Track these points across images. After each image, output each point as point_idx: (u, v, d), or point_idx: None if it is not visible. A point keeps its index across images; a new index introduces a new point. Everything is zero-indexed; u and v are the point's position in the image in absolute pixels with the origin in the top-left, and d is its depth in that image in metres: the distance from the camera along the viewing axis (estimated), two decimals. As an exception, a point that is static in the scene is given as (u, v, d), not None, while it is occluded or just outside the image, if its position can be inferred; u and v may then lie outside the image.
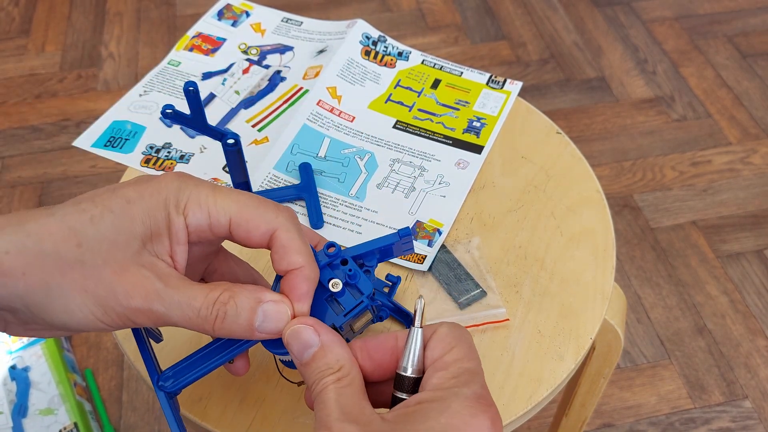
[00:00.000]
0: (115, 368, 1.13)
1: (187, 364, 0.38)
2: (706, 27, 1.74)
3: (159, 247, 0.35)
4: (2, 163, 1.43)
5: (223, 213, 0.36)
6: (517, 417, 0.48)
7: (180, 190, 0.36)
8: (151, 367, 0.38)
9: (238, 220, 0.36)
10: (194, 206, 0.36)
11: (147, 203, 0.35)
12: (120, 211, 0.34)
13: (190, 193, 0.36)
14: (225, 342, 0.38)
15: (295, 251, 0.36)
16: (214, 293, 0.35)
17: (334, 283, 0.38)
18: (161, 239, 0.35)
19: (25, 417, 0.98)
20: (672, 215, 1.35)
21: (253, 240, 0.37)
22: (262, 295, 0.36)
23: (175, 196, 0.36)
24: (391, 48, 0.71)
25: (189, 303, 0.35)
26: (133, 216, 0.35)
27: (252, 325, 0.35)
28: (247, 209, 0.36)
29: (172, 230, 0.35)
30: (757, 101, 1.56)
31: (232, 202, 0.36)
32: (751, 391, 1.12)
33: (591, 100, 1.56)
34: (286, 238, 0.36)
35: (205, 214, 0.36)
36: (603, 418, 1.09)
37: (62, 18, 1.77)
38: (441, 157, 0.63)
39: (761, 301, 1.22)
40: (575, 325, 0.52)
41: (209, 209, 0.36)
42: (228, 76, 0.69)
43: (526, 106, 0.68)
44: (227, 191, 0.37)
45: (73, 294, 0.33)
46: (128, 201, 0.35)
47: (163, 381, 0.38)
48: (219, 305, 0.35)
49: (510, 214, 0.59)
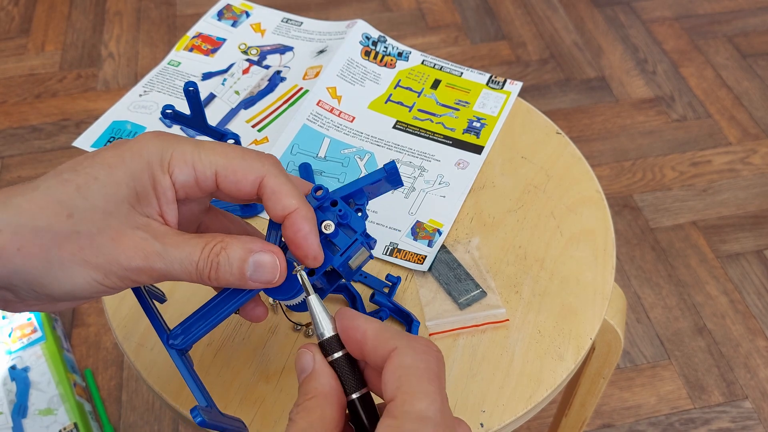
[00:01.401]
0: (115, 368, 1.13)
1: (195, 320, 0.38)
2: (706, 27, 1.74)
3: (148, 209, 0.35)
4: (2, 162, 1.43)
5: (209, 166, 0.36)
6: (517, 417, 0.48)
7: (162, 148, 0.35)
8: (159, 327, 0.38)
9: (225, 171, 0.36)
10: (179, 163, 0.35)
11: (130, 166, 0.35)
12: (104, 177, 0.34)
13: (173, 151, 0.35)
14: (228, 294, 0.38)
15: (287, 194, 0.36)
16: (209, 245, 0.35)
17: (326, 225, 0.38)
18: (149, 200, 0.35)
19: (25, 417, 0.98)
20: (672, 215, 1.35)
21: (243, 190, 0.36)
22: (252, 245, 0.36)
23: (158, 155, 0.35)
24: (391, 48, 0.71)
25: (188, 258, 0.35)
26: (118, 180, 0.34)
27: (244, 274, 0.35)
28: (232, 161, 0.36)
29: (159, 190, 0.35)
30: (757, 101, 1.56)
31: (216, 155, 0.36)
32: (751, 391, 1.12)
33: (591, 100, 1.56)
34: (275, 183, 0.36)
35: (191, 170, 0.36)
36: (603, 418, 1.09)
37: (62, 18, 1.77)
38: (441, 158, 0.63)
39: (761, 301, 1.22)
40: (575, 326, 0.52)
41: (194, 164, 0.36)
42: (228, 76, 0.69)
43: (526, 106, 0.68)
44: (210, 145, 0.37)
45: (73, 265, 0.34)
46: (110, 166, 0.35)
47: (172, 339, 0.38)
48: (213, 256, 0.35)
49: (510, 214, 0.59)
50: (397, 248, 0.56)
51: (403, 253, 0.56)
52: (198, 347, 0.50)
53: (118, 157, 0.35)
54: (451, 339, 0.51)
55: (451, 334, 0.51)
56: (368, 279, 0.54)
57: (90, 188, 0.34)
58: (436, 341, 0.51)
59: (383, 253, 0.56)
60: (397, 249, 0.56)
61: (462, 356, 0.50)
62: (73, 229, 0.33)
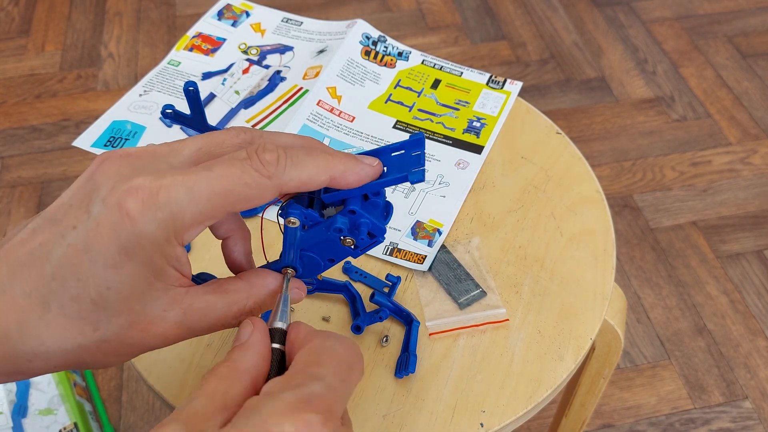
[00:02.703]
0: (115, 368, 1.13)
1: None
2: (706, 27, 1.74)
3: (165, 281, 0.33)
4: (2, 163, 1.43)
5: (217, 209, 0.32)
6: (517, 417, 0.47)
7: (163, 224, 0.31)
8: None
9: (237, 198, 0.33)
10: (186, 228, 0.32)
11: (136, 261, 0.31)
12: (114, 281, 0.31)
13: (174, 222, 0.31)
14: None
15: (313, 171, 0.34)
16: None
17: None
18: (165, 276, 0.33)
19: (25, 417, 0.98)
20: (672, 215, 1.35)
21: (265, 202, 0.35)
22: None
23: (163, 235, 0.31)
24: (391, 48, 0.71)
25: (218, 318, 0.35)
26: (131, 282, 0.32)
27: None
28: (237, 187, 0.32)
29: (172, 262, 0.33)
30: (757, 101, 1.56)
31: (213, 190, 0.32)
32: (751, 391, 1.12)
33: (591, 100, 1.56)
34: (297, 183, 0.34)
35: (199, 226, 0.33)
36: (603, 418, 1.09)
37: (62, 18, 1.77)
38: (441, 157, 0.63)
39: (761, 301, 1.22)
40: (575, 326, 0.52)
41: (203, 217, 0.32)
42: (228, 76, 0.69)
43: (526, 106, 0.68)
44: (205, 180, 0.32)
45: (108, 360, 0.34)
46: (115, 267, 0.31)
47: None
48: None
49: (510, 214, 0.59)
50: (397, 248, 0.56)
51: (403, 253, 0.56)
52: (198, 347, 0.50)
53: (122, 256, 0.31)
54: (451, 339, 0.51)
55: (451, 334, 0.51)
56: (368, 279, 0.54)
57: (107, 299, 0.31)
58: (437, 341, 0.51)
59: (383, 253, 0.56)
60: (397, 249, 0.56)
61: (462, 356, 0.50)
62: (101, 339, 0.32)
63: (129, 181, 0.31)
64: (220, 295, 0.35)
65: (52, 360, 0.32)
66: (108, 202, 0.31)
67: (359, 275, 0.54)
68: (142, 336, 0.33)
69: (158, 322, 0.33)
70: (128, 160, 0.33)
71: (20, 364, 0.32)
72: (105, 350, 0.33)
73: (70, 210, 0.32)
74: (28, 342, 0.31)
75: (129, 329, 0.33)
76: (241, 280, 0.37)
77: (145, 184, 0.31)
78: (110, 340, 0.33)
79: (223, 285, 0.36)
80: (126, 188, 0.31)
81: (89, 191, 0.32)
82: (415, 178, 0.36)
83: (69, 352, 0.32)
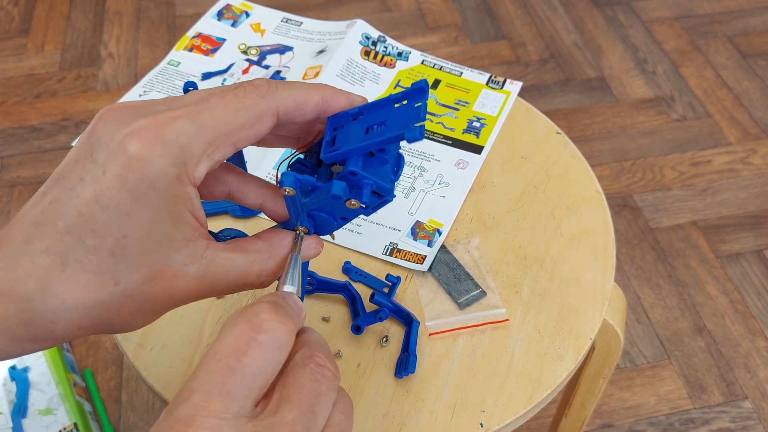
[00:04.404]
0: (115, 368, 1.13)
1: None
2: (706, 27, 1.74)
3: (184, 230, 0.33)
4: (2, 162, 1.43)
5: (223, 138, 0.33)
6: (516, 417, 0.47)
7: (173, 160, 0.31)
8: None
9: (241, 124, 0.33)
10: (192, 161, 0.32)
11: (150, 207, 0.31)
12: (131, 232, 0.31)
13: (185, 157, 0.31)
14: None
15: (308, 107, 0.36)
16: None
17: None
18: (183, 222, 0.33)
19: (25, 417, 0.98)
20: (672, 215, 1.35)
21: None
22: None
23: (174, 173, 0.31)
24: (391, 48, 0.71)
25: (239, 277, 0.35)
26: (148, 233, 0.32)
27: None
28: (237, 112, 0.33)
29: (188, 204, 0.33)
30: (757, 101, 1.56)
31: (217, 118, 0.32)
32: (751, 391, 1.12)
33: (591, 100, 1.56)
34: (297, 113, 0.35)
35: (209, 157, 0.33)
36: (603, 418, 1.09)
37: (62, 17, 1.77)
38: (441, 157, 0.63)
39: (761, 301, 1.22)
40: (575, 326, 0.52)
41: (211, 148, 0.32)
42: (228, 76, 0.69)
43: (526, 106, 0.68)
44: (206, 110, 0.32)
45: (132, 321, 0.34)
46: (128, 215, 0.31)
47: None
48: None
49: (510, 214, 0.59)
50: (396, 248, 0.56)
51: (402, 253, 0.56)
52: (198, 347, 0.50)
53: (134, 201, 0.31)
54: (451, 339, 0.51)
55: (451, 334, 0.51)
56: (368, 279, 0.54)
57: (124, 249, 0.31)
58: (436, 341, 0.51)
59: (383, 253, 0.56)
60: (397, 249, 0.56)
61: (462, 356, 0.50)
62: (124, 294, 0.32)
63: (131, 124, 0.31)
64: (241, 253, 0.35)
65: (74, 320, 0.32)
66: (112, 148, 0.31)
67: (359, 275, 0.54)
68: (165, 291, 0.33)
69: (181, 276, 0.33)
70: (128, 108, 0.33)
71: (45, 327, 0.31)
72: (129, 308, 0.32)
73: (76, 165, 0.32)
74: (50, 301, 0.31)
75: (152, 283, 0.32)
76: (260, 240, 0.36)
77: (148, 124, 0.31)
78: (133, 295, 0.32)
79: (243, 244, 0.35)
80: (129, 131, 0.31)
81: (93, 143, 0.32)
82: (411, 135, 0.33)
83: (92, 310, 0.32)
